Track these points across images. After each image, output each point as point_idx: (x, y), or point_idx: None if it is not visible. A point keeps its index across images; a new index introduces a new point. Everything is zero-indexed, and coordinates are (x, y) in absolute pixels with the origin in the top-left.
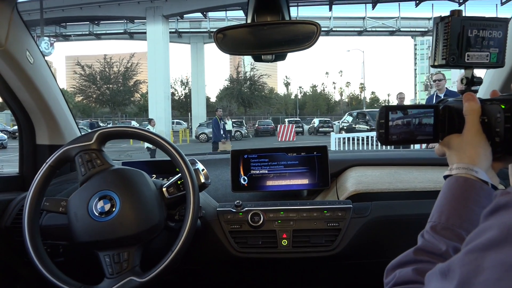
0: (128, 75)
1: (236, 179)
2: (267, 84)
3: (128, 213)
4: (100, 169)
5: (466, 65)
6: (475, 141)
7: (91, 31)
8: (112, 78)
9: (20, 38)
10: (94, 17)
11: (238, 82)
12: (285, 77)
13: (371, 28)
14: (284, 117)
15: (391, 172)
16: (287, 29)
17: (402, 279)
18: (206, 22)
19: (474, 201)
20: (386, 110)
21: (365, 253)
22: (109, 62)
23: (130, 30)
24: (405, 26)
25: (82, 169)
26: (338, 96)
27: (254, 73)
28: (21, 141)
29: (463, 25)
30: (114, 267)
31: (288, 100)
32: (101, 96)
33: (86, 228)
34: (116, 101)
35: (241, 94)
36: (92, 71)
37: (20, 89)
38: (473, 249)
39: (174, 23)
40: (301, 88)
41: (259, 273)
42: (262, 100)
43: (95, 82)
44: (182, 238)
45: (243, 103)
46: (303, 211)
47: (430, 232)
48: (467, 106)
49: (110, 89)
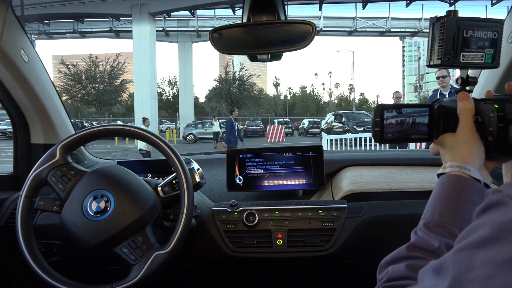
0: (114, 74)
1: (232, 179)
2: (256, 85)
3: (125, 203)
4: (77, 178)
5: (461, 65)
6: (469, 140)
7: (75, 29)
8: (98, 77)
9: (14, 37)
10: (78, 14)
11: (227, 82)
12: (275, 77)
13: (361, 28)
14: (273, 117)
15: (386, 172)
16: (283, 29)
17: (394, 275)
18: (194, 20)
19: (466, 199)
20: (382, 108)
21: (360, 252)
22: (95, 61)
23: (116, 28)
24: (395, 26)
25: (60, 186)
26: (328, 97)
27: (243, 73)
28: (16, 140)
29: (459, 26)
30: (136, 253)
31: (278, 101)
32: (86, 95)
33: (91, 232)
34: (102, 101)
35: (230, 94)
36: (77, 70)
37: (15, 88)
38: (465, 247)
39: (161, 22)
40: (290, 89)
41: (254, 272)
42: (251, 101)
43: (80, 82)
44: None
45: (232, 103)
46: (298, 211)
47: (423, 229)
48: (461, 105)
49: (96, 89)
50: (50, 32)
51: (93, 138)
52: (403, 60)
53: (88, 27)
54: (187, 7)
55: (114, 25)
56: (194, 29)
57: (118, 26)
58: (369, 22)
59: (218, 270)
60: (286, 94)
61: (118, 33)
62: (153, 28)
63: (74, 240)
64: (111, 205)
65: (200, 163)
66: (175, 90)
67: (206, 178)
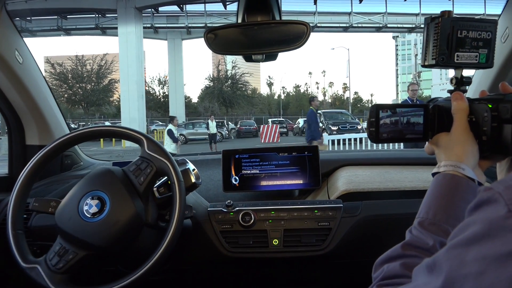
0: (102, 74)
1: (228, 179)
2: (249, 83)
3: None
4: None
5: (456, 65)
6: (463, 139)
7: (59, 26)
8: (85, 77)
9: (9, 38)
10: (61, 9)
11: (219, 80)
12: (268, 77)
13: (357, 24)
14: (267, 117)
15: (382, 171)
16: (278, 29)
17: (389, 273)
18: (184, 17)
19: (460, 198)
20: (377, 108)
21: (356, 252)
22: (81, 60)
23: (102, 25)
24: (392, 22)
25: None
26: (321, 97)
27: (235, 71)
28: (11, 142)
29: (453, 26)
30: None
31: (271, 101)
32: (73, 96)
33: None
34: (90, 101)
35: (222, 93)
36: (63, 69)
37: (9, 89)
38: (457, 244)
39: (149, 18)
40: (284, 88)
41: (250, 273)
42: (245, 100)
43: (66, 81)
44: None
45: (225, 102)
46: (294, 211)
47: (417, 227)
48: (455, 105)
49: (83, 89)
50: (33, 30)
51: (83, 140)
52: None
53: (72, 24)
54: (175, 1)
55: (100, 22)
56: (184, 25)
57: (104, 22)
58: (365, 17)
59: (214, 270)
60: (280, 94)
61: (104, 30)
62: (140, 24)
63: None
64: (107, 204)
65: (195, 163)
66: (165, 89)
67: (202, 179)
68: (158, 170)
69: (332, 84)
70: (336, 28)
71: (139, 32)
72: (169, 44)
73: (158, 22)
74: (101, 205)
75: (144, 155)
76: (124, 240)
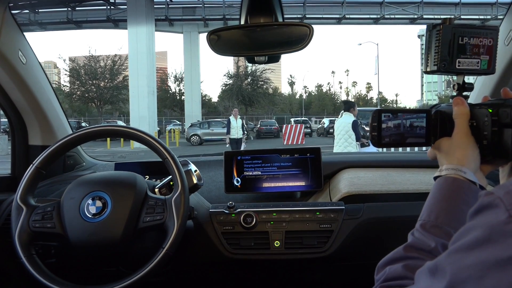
0: (116, 70)
1: (229, 181)
2: (270, 80)
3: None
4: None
5: (457, 71)
6: (464, 143)
7: (69, 18)
8: (99, 73)
9: (12, 38)
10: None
11: (238, 77)
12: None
13: (389, 14)
14: (289, 117)
15: (384, 174)
16: (280, 31)
17: (392, 275)
18: (200, 8)
19: (462, 201)
20: (379, 113)
21: (358, 254)
22: (94, 56)
23: (114, 17)
24: (428, 12)
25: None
26: (344, 96)
27: (256, 67)
28: (14, 142)
29: (454, 33)
30: (158, 211)
31: (293, 100)
32: (86, 93)
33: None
34: (103, 98)
35: (242, 91)
36: (76, 66)
37: (13, 89)
38: (458, 249)
39: (163, 9)
40: (306, 88)
41: (251, 274)
42: (266, 98)
43: (79, 78)
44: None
45: (244, 101)
46: (295, 213)
47: (420, 230)
48: (456, 110)
49: (96, 85)
50: (42, 23)
51: (85, 140)
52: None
53: (83, 16)
54: None
55: (112, 14)
56: (201, 17)
57: (116, 14)
58: (398, 7)
59: (215, 272)
60: (301, 93)
61: (116, 23)
62: (151, 13)
63: (78, 243)
64: (108, 204)
65: (198, 164)
66: (181, 86)
67: (204, 180)
68: (164, 225)
69: (355, 83)
70: (366, 20)
71: (150, 22)
72: (185, 37)
73: (173, 14)
74: (101, 203)
75: (169, 199)
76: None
